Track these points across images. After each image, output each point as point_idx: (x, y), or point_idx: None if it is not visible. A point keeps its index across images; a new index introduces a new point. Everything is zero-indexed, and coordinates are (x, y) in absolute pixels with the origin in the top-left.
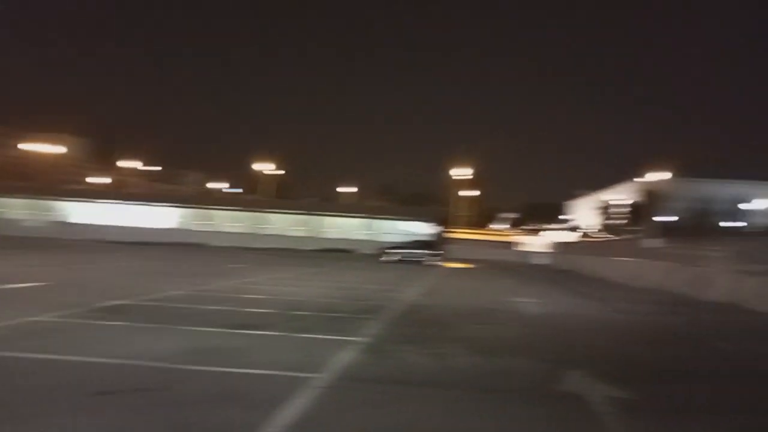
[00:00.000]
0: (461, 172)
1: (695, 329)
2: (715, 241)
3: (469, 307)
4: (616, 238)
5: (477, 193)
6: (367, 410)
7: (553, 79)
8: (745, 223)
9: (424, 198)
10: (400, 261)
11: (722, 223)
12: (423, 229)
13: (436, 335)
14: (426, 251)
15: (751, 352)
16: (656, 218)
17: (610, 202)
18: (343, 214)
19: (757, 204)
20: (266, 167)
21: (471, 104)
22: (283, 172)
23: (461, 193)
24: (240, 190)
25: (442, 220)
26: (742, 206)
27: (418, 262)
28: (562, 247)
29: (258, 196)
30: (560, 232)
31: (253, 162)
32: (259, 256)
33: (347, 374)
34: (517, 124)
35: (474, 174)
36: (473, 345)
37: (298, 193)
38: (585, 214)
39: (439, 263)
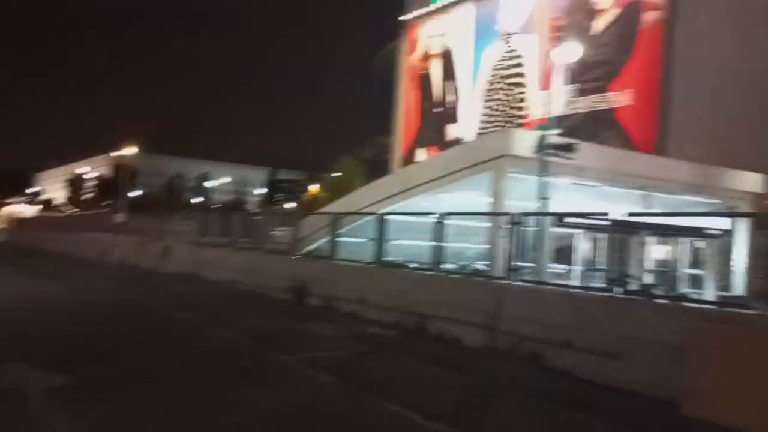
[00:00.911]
0: None
1: (154, 301)
2: (181, 215)
3: None
4: (88, 212)
5: None
6: None
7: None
8: (206, 198)
9: None
10: None
11: (191, 199)
12: None
13: None
14: None
15: (204, 319)
16: (126, 193)
17: (83, 176)
18: None
19: (216, 182)
20: None
21: None
22: None
23: None
24: None
25: None
26: (205, 184)
27: None
28: (25, 223)
29: None
30: (23, 206)
31: None
32: None
33: None
34: None
35: None
36: None
37: None
38: (55, 186)
39: None
